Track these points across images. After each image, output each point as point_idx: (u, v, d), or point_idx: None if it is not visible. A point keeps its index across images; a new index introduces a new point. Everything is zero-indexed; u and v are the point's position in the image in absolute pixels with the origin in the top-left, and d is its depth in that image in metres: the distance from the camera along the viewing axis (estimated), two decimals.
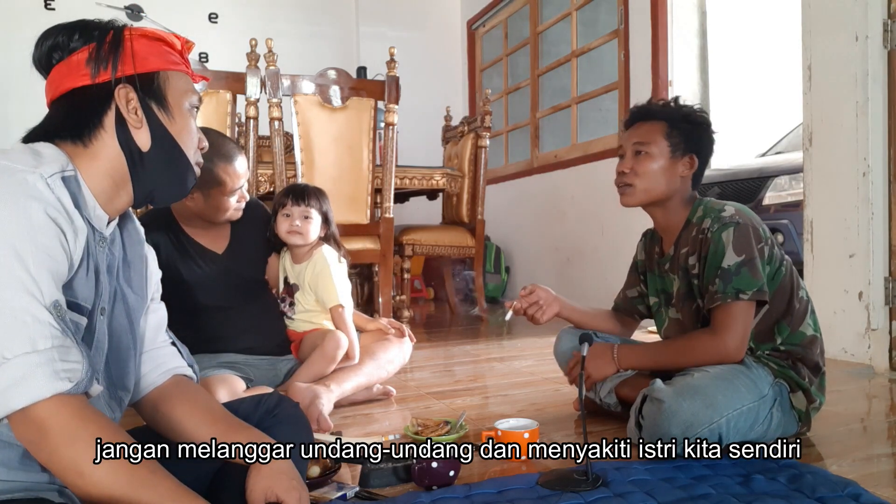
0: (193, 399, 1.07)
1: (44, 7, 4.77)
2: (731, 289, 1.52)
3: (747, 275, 1.52)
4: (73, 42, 0.93)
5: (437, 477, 1.32)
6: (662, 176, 1.65)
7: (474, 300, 4.32)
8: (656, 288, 1.81)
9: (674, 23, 3.71)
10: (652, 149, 1.65)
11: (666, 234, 1.74)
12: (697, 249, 1.61)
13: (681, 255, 1.67)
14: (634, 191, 1.67)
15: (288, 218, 2.07)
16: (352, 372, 2.05)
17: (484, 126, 3.99)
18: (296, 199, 2.07)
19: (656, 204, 1.69)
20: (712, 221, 1.58)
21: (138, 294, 1.05)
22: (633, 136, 1.69)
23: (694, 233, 1.63)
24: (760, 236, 1.57)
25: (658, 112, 1.69)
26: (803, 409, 1.58)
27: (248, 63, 3.11)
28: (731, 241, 1.54)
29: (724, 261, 1.53)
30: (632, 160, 1.68)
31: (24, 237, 0.80)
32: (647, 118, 1.70)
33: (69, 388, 0.80)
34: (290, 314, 2.14)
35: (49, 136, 0.93)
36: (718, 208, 1.61)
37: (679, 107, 1.69)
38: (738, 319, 1.53)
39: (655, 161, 1.65)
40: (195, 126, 1.03)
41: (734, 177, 3.57)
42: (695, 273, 1.63)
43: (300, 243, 2.08)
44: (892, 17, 2.44)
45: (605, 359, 1.71)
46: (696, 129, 1.67)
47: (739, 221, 1.56)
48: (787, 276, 1.61)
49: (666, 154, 1.65)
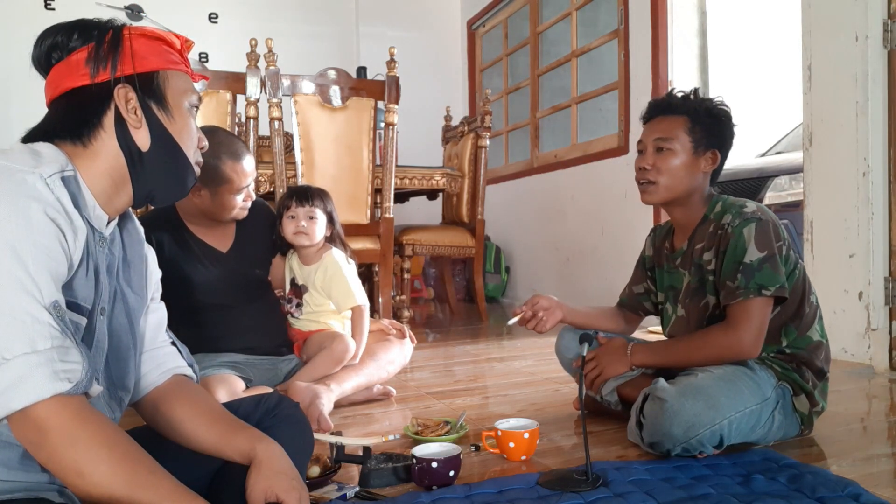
0: (193, 399, 1.07)
1: (44, 7, 4.77)
2: (753, 284, 1.49)
3: (769, 271, 1.49)
4: (72, 42, 0.93)
5: (437, 477, 1.32)
6: (685, 172, 1.62)
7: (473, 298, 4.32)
8: (664, 284, 1.79)
9: (674, 23, 3.71)
10: (674, 144, 1.61)
11: (681, 229, 1.71)
12: (715, 245, 1.58)
13: (695, 251, 1.64)
14: (657, 188, 1.63)
15: (293, 220, 2.07)
16: (352, 372, 2.05)
17: (484, 126, 3.99)
18: (300, 200, 2.07)
19: (676, 201, 1.66)
20: (734, 217, 1.55)
21: (138, 294, 1.05)
22: (654, 131, 1.64)
23: (711, 228, 1.60)
24: (780, 235, 1.55)
25: (679, 106, 1.64)
26: (805, 412, 1.57)
27: (248, 63, 3.11)
28: (754, 237, 1.51)
29: (747, 256, 1.50)
30: (653, 156, 1.63)
31: (24, 237, 0.79)
32: (667, 112, 1.65)
33: (69, 389, 0.80)
34: (297, 314, 2.14)
35: (48, 136, 0.93)
36: (740, 204, 1.58)
37: (701, 100, 1.64)
38: (755, 315, 1.50)
39: (678, 157, 1.61)
40: (195, 125, 1.03)
41: (734, 177, 3.58)
42: (710, 269, 1.60)
43: (307, 244, 2.09)
44: (892, 17, 2.44)
45: (619, 355, 1.69)
46: (718, 123, 1.63)
47: (762, 218, 1.53)
48: (800, 280, 1.59)
49: (689, 150, 1.61)
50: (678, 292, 1.73)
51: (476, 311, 4.16)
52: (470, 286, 4.63)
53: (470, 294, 4.86)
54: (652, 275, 1.86)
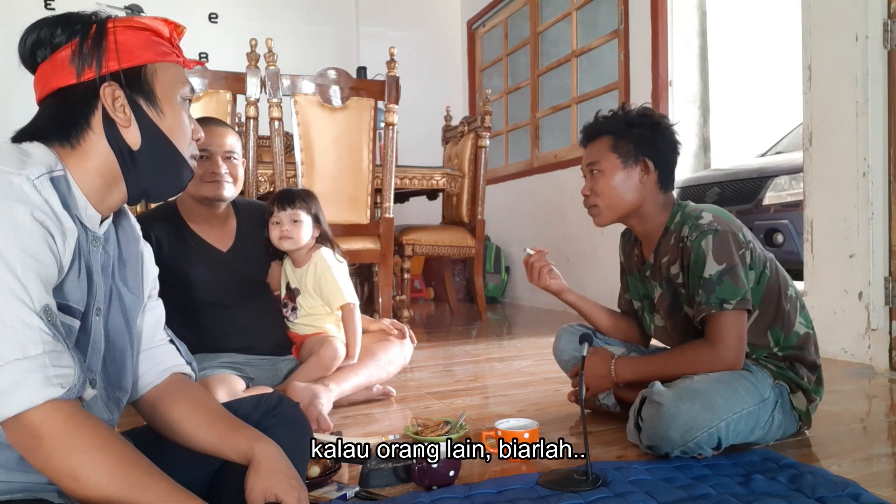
0: (192, 398, 1.07)
1: (44, 7, 4.77)
2: (714, 299, 1.50)
3: (730, 283, 1.49)
4: (56, 38, 0.90)
5: (437, 477, 1.32)
6: (622, 189, 1.63)
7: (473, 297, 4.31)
8: (638, 292, 1.79)
9: (674, 23, 3.71)
10: (603, 165, 1.64)
11: (646, 240, 1.72)
12: (679, 258, 1.59)
13: (662, 264, 1.65)
14: (601, 210, 1.66)
15: (278, 225, 2.06)
16: (351, 372, 2.05)
17: (484, 126, 3.99)
18: (282, 204, 2.06)
19: (629, 216, 1.67)
20: (690, 229, 1.55)
21: (134, 293, 1.04)
22: (586, 156, 1.69)
23: (673, 240, 1.61)
24: (740, 242, 1.54)
25: (602, 127, 1.67)
26: (804, 408, 1.57)
27: (248, 63, 3.10)
28: (711, 250, 1.51)
29: (706, 270, 1.51)
30: (590, 181, 1.67)
31: (11, 242, 0.78)
32: (594, 136, 1.68)
33: (62, 394, 0.79)
34: (292, 318, 2.14)
35: (37, 136, 0.91)
36: (696, 214, 1.57)
37: (624, 114, 1.67)
38: (731, 329, 1.51)
39: (610, 177, 1.63)
40: (187, 118, 1.00)
41: (734, 177, 3.57)
42: (679, 283, 1.60)
43: (292, 248, 2.08)
44: (892, 17, 2.44)
45: (603, 372, 1.68)
46: (644, 132, 1.63)
47: (718, 229, 1.52)
48: (774, 278, 1.59)
49: (617, 167, 1.63)
50: (653, 302, 1.73)
51: (476, 311, 4.16)
52: (470, 286, 4.63)
53: (470, 294, 4.86)
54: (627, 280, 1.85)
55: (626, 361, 1.69)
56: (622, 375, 1.67)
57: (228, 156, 1.90)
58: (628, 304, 1.87)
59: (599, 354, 1.71)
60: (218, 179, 1.88)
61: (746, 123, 3.97)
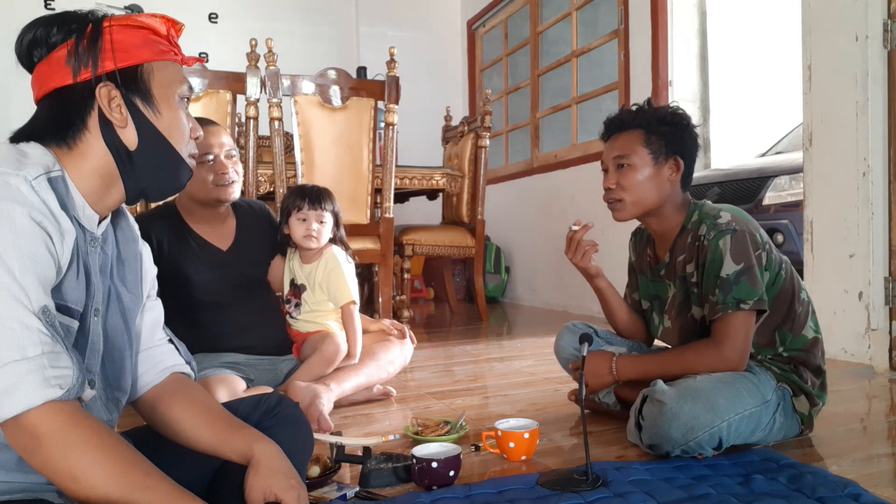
0: (191, 398, 1.07)
1: (44, 6, 4.77)
2: (731, 299, 1.49)
3: (747, 284, 1.49)
4: (52, 37, 0.90)
5: (437, 477, 1.32)
6: (650, 185, 1.61)
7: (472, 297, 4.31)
8: (648, 292, 1.78)
9: (674, 23, 3.71)
10: (633, 159, 1.61)
11: (661, 239, 1.70)
12: (695, 257, 1.58)
13: (677, 263, 1.64)
14: (625, 205, 1.63)
15: (304, 222, 2.05)
16: (352, 372, 2.05)
17: (484, 126, 3.99)
18: (312, 202, 2.05)
19: (650, 213, 1.65)
20: (708, 228, 1.54)
21: (133, 293, 1.04)
22: (612, 149, 1.65)
23: (690, 239, 1.60)
24: (758, 242, 1.54)
25: (632, 120, 1.64)
26: (805, 412, 1.57)
27: (248, 63, 3.10)
28: (729, 249, 1.50)
29: (723, 270, 1.50)
30: (616, 174, 1.63)
31: (9, 243, 0.78)
32: (622, 128, 1.65)
33: (60, 395, 0.79)
34: (295, 315, 2.13)
35: (34, 137, 0.90)
36: (714, 214, 1.57)
37: (654, 109, 1.65)
38: (739, 330, 1.50)
39: (639, 171, 1.61)
40: (185, 117, 0.99)
41: (734, 177, 3.57)
42: (693, 281, 1.60)
43: (315, 247, 2.08)
44: (892, 17, 2.44)
45: (604, 370, 1.68)
46: (674, 129, 1.62)
47: (736, 228, 1.52)
48: (788, 280, 1.59)
49: (648, 162, 1.61)
50: (664, 302, 1.72)
51: (476, 311, 4.16)
52: (470, 286, 4.63)
53: (470, 294, 4.86)
54: (636, 280, 1.84)
55: (627, 359, 1.68)
56: (623, 373, 1.66)
57: (230, 154, 1.91)
58: (636, 303, 1.86)
59: (599, 355, 1.71)
60: (227, 182, 1.90)
61: (746, 123, 3.97)
